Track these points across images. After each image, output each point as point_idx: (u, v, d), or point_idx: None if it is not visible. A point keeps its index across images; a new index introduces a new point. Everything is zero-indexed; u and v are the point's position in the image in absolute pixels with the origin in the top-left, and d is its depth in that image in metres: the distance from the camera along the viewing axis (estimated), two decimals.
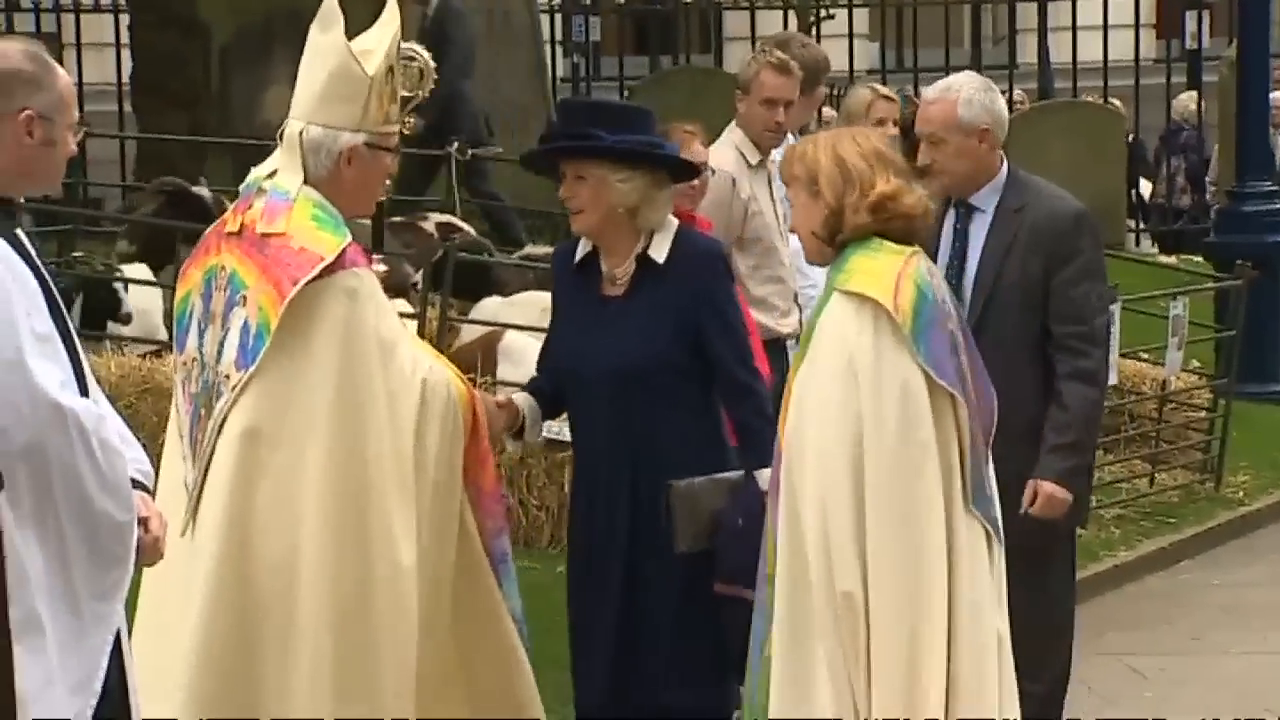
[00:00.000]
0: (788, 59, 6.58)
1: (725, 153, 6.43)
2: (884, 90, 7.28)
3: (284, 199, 4.44)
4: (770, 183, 6.49)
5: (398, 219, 9.21)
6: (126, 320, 8.62)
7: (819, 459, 4.21)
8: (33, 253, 3.83)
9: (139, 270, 9.29)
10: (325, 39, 4.49)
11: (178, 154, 11.91)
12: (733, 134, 6.57)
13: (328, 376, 4.33)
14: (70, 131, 3.86)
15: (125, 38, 14.05)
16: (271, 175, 4.50)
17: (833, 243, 4.36)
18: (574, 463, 4.92)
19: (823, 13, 17.61)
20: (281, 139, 4.51)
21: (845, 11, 16.69)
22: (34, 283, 3.75)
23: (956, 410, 4.29)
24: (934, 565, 4.21)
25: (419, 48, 4.72)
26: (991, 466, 4.39)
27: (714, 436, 4.80)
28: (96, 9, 15.61)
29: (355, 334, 4.36)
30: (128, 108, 13.91)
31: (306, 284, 4.33)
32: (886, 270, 4.29)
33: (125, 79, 14.05)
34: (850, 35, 15.98)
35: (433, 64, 4.69)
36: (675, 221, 4.85)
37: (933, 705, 4.17)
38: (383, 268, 4.73)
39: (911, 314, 4.25)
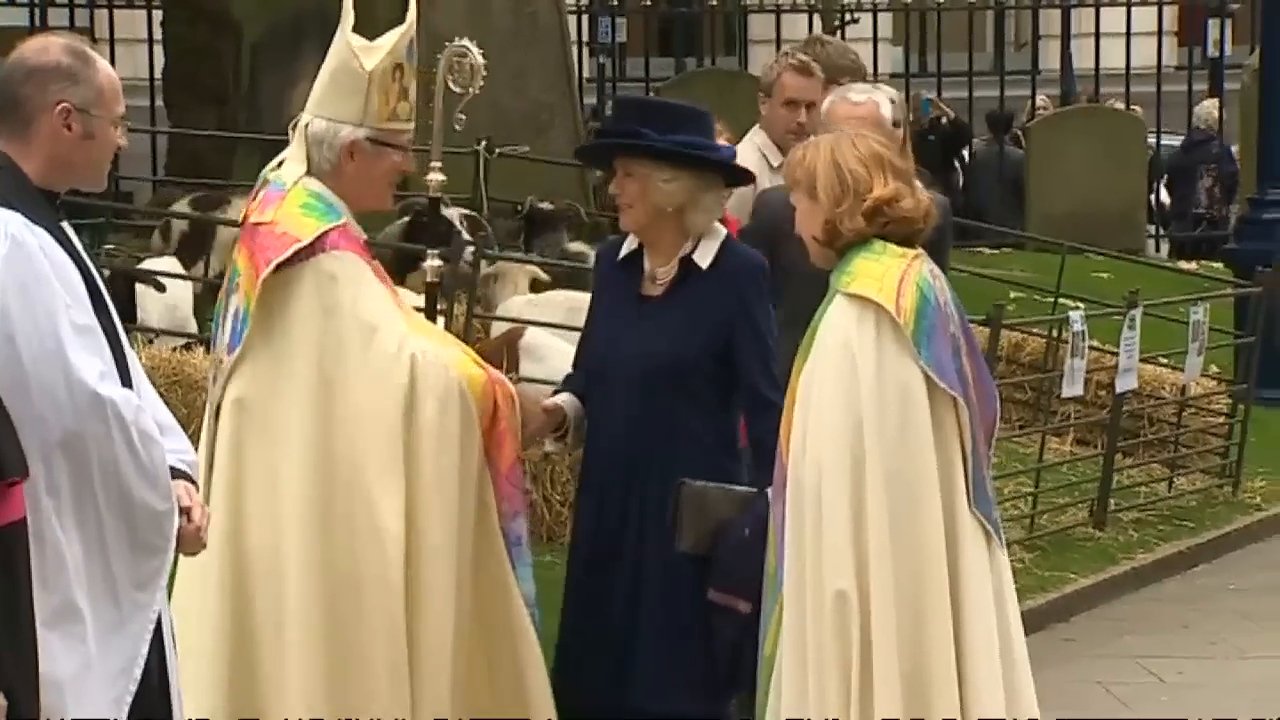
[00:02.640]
0: (809, 60, 6.63)
1: (748, 154, 6.47)
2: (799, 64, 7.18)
3: (279, 189, 4.54)
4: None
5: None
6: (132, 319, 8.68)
7: (819, 459, 4.23)
8: (77, 245, 3.87)
9: (167, 264, 9.38)
10: (337, 36, 4.60)
11: (207, 149, 12.01)
12: (755, 136, 6.62)
13: (306, 356, 4.44)
14: (113, 125, 3.87)
15: (157, 33, 14.15)
16: (280, 167, 4.60)
17: (833, 247, 4.38)
18: (585, 458, 4.88)
19: (847, 16, 17.65)
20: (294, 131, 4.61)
21: (869, 15, 16.73)
22: (75, 274, 3.80)
23: (958, 412, 4.30)
24: (933, 566, 4.22)
25: (471, 45, 4.75)
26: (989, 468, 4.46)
27: (729, 445, 4.79)
28: (129, 5, 15.67)
29: (332, 315, 4.45)
30: (159, 103, 14.01)
31: (279, 265, 4.43)
32: (889, 273, 4.30)
33: (157, 74, 14.15)
34: (874, 39, 16.03)
35: (482, 61, 4.71)
36: (724, 230, 4.85)
37: (945, 707, 4.20)
38: (438, 262, 4.78)
39: (914, 316, 4.26)
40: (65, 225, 3.89)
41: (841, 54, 7.04)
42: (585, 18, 17.21)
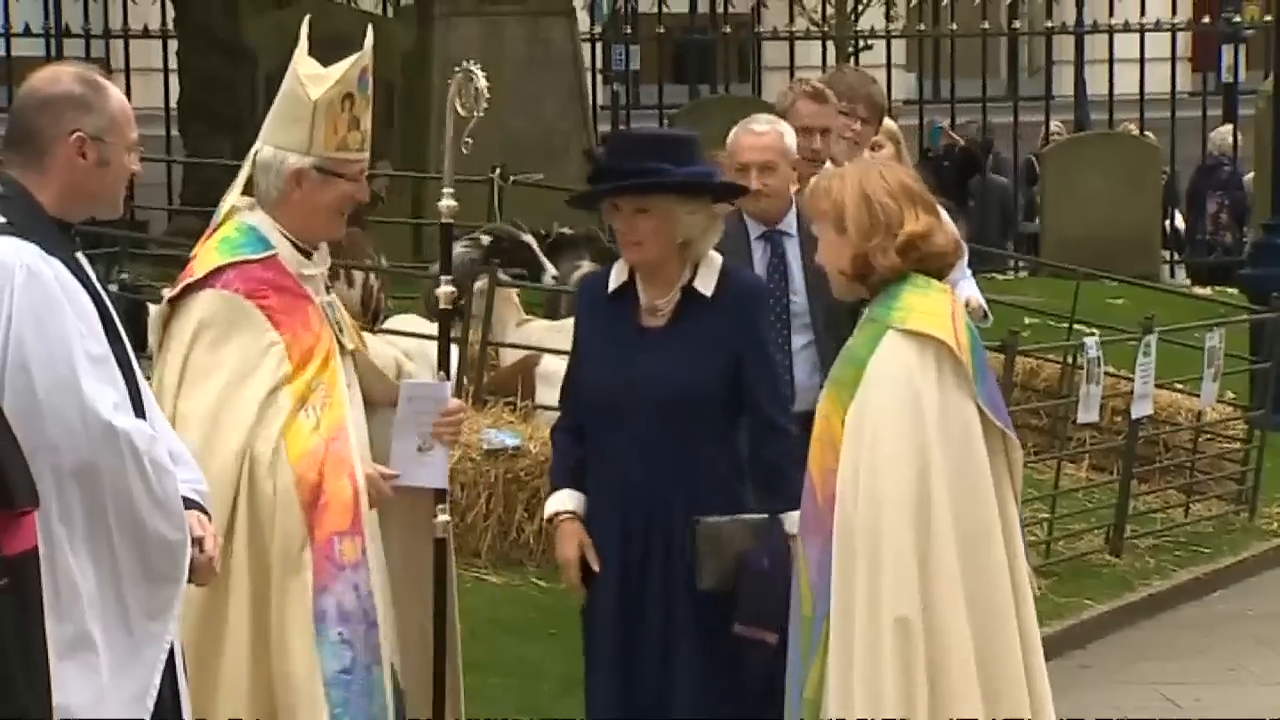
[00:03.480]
0: (823, 87, 6.68)
1: None
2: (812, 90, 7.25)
3: (215, 220, 4.56)
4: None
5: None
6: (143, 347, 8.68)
7: (879, 498, 4.11)
8: (91, 275, 3.87)
9: None
10: (291, 65, 4.59)
11: (223, 178, 12.03)
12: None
13: (160, 392, 4.39)
14: (128, 152, 3.88)
15: (173, 63, 14.22)
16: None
17: (864, 282, 4.28)
18: (595, 494, 4.73)
19: (860, 43, 17.69)
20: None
21: (883, 42, 16.77)
22: (89, 304, 3.80)
23: (1009, 451, 4.25)
24: (1004, 602, 4.16)
25: (476, 69, 4.74)
26: None
27: (740, 470, 4.72)
28: (145, 34, 15.75)
29: (174, 354, 4.41)
30: (175, 132, 14.06)
31: (171, 299, 4.46)
32: (942, 308, 4.22)
33: (173, 104, 14.21)
34: (888, 66, 16.05)
35: (485, 84, 4.71)
36: (719, 256, 4.76)
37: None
38: (449, 289, 4.75)
39: (970, 353, 4.20)
40: (79, 255, 3.90)
41: (861, 82, 7.07)
42: (599, 45, 17.27)
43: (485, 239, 9.52)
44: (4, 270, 3.68)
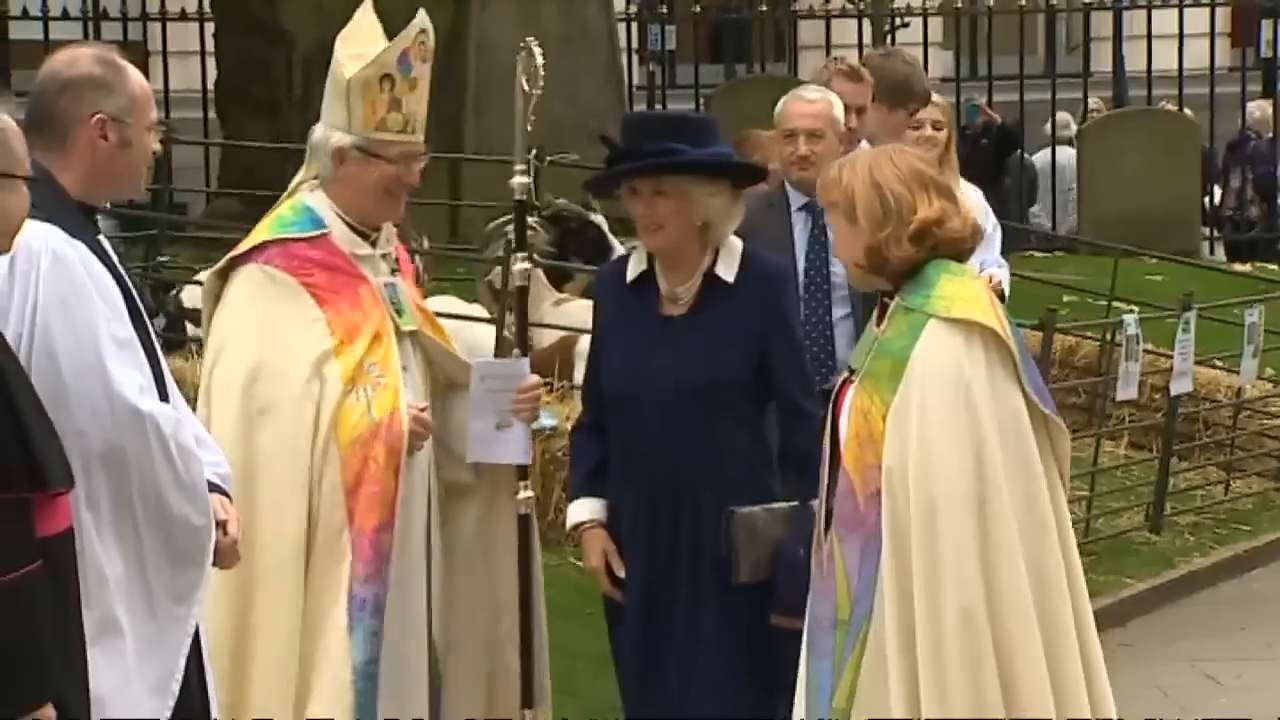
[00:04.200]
0: (858, 66, 6.68)
1: None
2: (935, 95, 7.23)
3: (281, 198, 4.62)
4: None
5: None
6: (161, 324, 8.72)
7: (932, 493, 3.98)
8: (114, 259, 3.88)
9: None
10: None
11: (260, 160, 12.08)
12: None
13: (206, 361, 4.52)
14: (149, 132, 3.89)
15: (210, 45, 14.25)
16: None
17: (881, 272, 4.14)
18: (620, 485, 4.64)
19: (897, 21, 17.62)
20: None
21: (919, 20, 16.70)
22: (115, 288, 3.81)
23: (1054, 437, 4.14)
24: (1063, 614, 4.08)
25: (534, 44, 4.72)
26: None
27: (769, 458, 4.65)
28: (183, 17, 15.79)
29: (216, 326, 4.49)
30: (212, 114, 14.10)
31: (219, 270, 4.52)
32: (981, 294, 4.11)
33: (210, 86, 14.25)
34: (925, 43, 15.99)
35: (541, 61, 4.66)
36: (739, 240, 4.66)
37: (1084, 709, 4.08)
38: (525, 266, 4.73)
39: (1012, 340, 4.09)
40: (102, 238, 3.91)
41: (900, 64, 7.04)
42: (635, 25, 17.24)
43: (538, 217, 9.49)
44: (29, 255, 3.69)
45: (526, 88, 4.64)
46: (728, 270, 4.58)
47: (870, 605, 4.05)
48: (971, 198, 7.18)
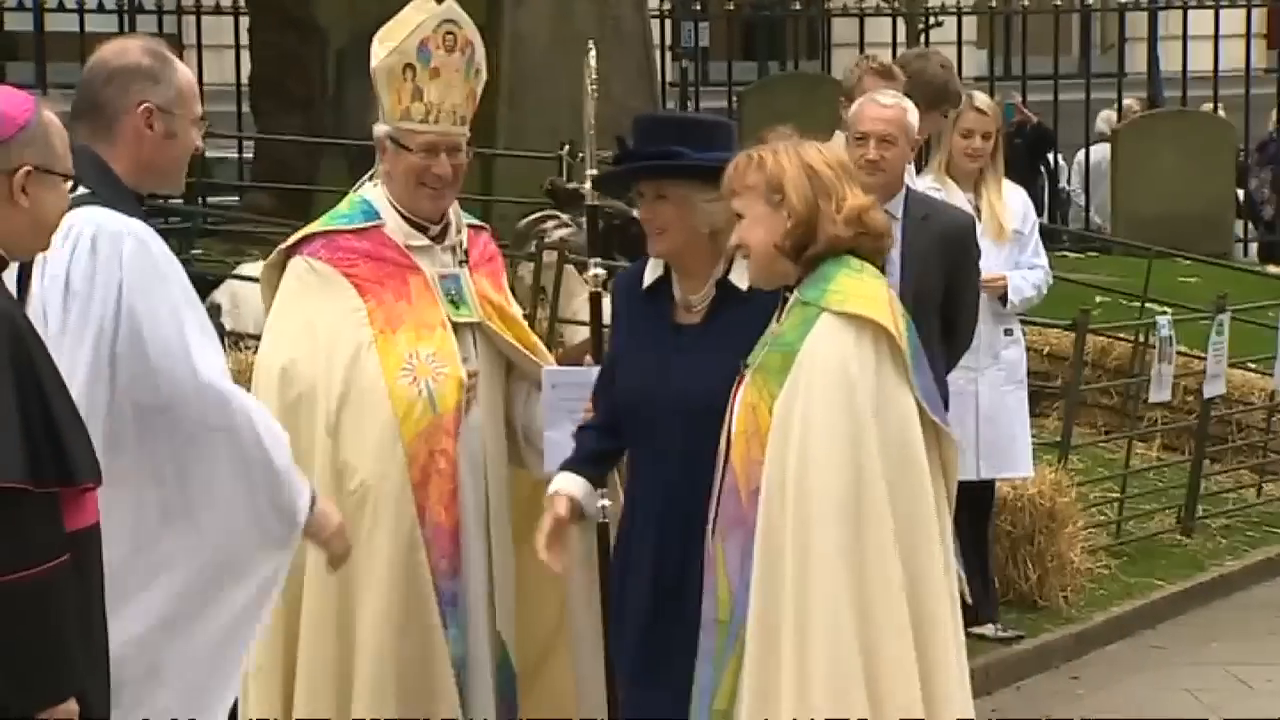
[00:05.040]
0: (890, 64, 6.67)
1: None
2: (980, 102, 7.19)
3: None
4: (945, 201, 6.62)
5: None
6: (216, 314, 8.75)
7: (811, 496, 3.83)
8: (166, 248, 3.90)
9: (259, 269, 9.43)
10: None
11: (294, 154, 12.10)
12: (837, 140, 6.63)
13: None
14: (193, 126, 3.91)
15: (244, 40, 14.28)
16: None
17: (798, 258, 3.97)
18: (632, 502, 4.45)
19: (931, 20, 17.59)
20: None
21: (954, 19, 16.67)
22: (184, 274, 3.86)
23: (943, 448, 3.96)
24: (942, 623, 3.90)
25: (592, 47, 4.73)
26: None
27: None
28: (217, 11, 15.84)
29: (268, 317, 4.60)
30: (246, 108, 14.12)
31: (267, 265, 4.66)
32: (878, 292, 3.95)
33: (244, 80, 14.28)
34: (959, 42, 15.96)
35: (594, 64, 4.63)
36: None
37: None
38: (600, 272, 4.69)
39: (907, 341, 3.93)
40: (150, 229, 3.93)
41: (937, 67, 7.02)
42: (668, 22, 17.23)
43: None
44: (113, 239, 3.72)
45: (593, 89, 4.65)
46: (741, 278, 4.37)
47: (747, 608, 3.94)
48: (1014, 199, 7.19)
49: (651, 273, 4.50)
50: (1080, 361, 8.67)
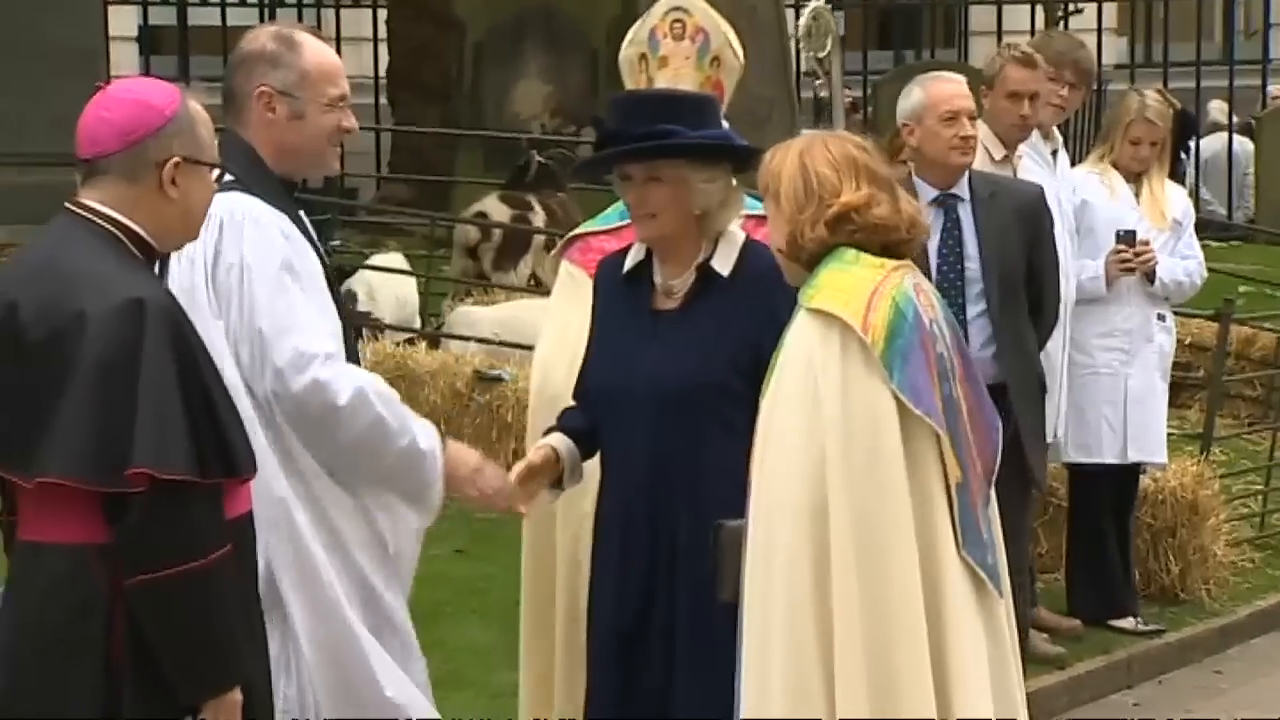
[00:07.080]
0: (1032, 52, 6.61)
1: None
2: (1153, 114, 7.01)
3: None
4: (1015, 176, 6.54)
5: None
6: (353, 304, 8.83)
7: (775, 499, 3.76)
8: (313, 234, 3.94)
9: (394, 260, 9.52)
10: None
11: (430, 146, 12.21)
12: (978, 129, 6.58)
13: None
14: (329, 108, 3.89)
15: (383, 32, 14.41)
16: None
17: (799, 259, 3.87)
18: (602, 495, 4.30)
19: (1070, 7, 17.39)
20: None
21: (1093, 5, 16.47)
22: (315, 259, 3.88)
23: (940, 443, 3.77)
24: (905, 616, 3.69)
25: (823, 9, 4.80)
26: (994, 507, 3.89)
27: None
28: (355, 4, 15.99)
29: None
30: (383, 100, 14.26)
31: (553, 257, 4.83)
32: (859, 286, 3.79)
33: (382, 72, 14.41)
34: (1099, 29, 15.77)
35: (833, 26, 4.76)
36: (741, 232, 4.29)
37: None
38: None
39: (885, 334, 3.75)
40: (302, 214, 3.97)
41: (1070, 47, 6.99)
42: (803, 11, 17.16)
43: None
44: (234, 222, 3.78)
45: (813, 52, 4.67)
46: (724, 263, 4.21)
47: None
48: (1175, 193, 7.14)
49: (633, 257, 4.33)
50: (1224, 352, 8.54)
